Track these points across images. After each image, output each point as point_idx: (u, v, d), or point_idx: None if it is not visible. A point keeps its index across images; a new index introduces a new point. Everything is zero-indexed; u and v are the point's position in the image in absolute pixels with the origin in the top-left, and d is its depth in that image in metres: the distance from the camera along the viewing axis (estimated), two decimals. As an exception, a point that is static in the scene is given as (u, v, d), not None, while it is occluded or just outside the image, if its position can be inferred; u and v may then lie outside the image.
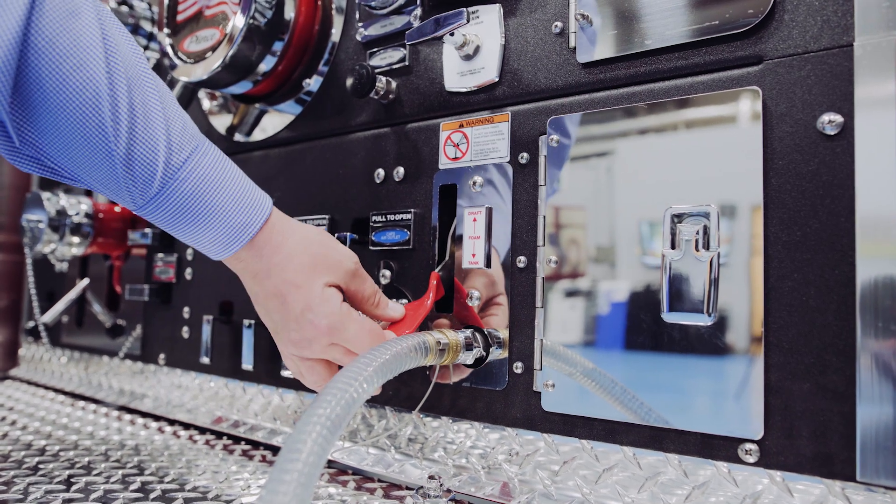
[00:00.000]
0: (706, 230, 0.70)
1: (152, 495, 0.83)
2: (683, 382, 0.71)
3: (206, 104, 1.32)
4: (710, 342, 0.70)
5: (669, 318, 0.72)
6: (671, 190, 0.73)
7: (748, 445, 0.66)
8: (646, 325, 0.74)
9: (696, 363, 0.71)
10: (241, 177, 0.76)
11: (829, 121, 0.64)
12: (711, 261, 0.70)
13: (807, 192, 0.65)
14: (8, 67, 0.61)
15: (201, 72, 1.10)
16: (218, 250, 0.76)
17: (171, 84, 1.31)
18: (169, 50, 1.17)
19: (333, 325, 0.76)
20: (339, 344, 0.77)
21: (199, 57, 1.11)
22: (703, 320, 0.70)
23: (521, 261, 0.84)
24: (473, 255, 0.88)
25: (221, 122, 1.29)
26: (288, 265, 0.76)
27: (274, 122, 1.19)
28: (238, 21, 1.05)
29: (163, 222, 0.74)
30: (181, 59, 1.15)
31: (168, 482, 0.90)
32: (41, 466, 0.95)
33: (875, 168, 0.62)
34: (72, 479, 0.89)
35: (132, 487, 0.86)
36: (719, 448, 0.68)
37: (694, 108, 0.73)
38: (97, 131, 0.67)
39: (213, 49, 1.09)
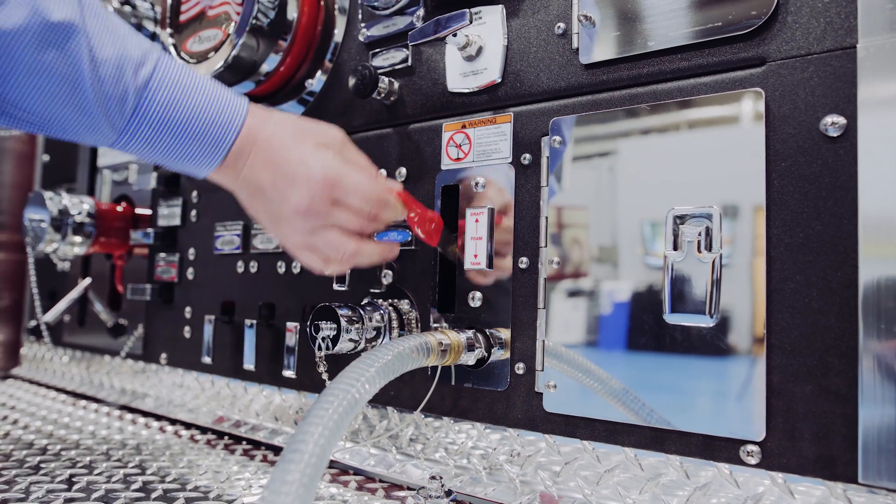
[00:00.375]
0: (708, 231, 0.70)
1: (154, 495, 0.83)
2: (685, 384, 0.71)
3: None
4: (712, 343, 0.70)
5: (671, 319, 0.72)
6: (674, 191, 0.73)
7: (750, 447, 0.66)
8: (648, 326, 0.74)
9: (698, 364, 0.71)
10: (208, 80, 0.77)
11: (832, 122, 0.64)
12: (714, 262, 0.70)
13: (810, 194, 0.65)
14: None
15: (204, 72, 1.10)
16: (205, 161, 0.76)
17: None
18: (172, 50, 1.17)
19: (330, 175, 0.76)
20: (341, 202, 0.77)
21: (201, 57, 1.11)
22: (705, 322, 0.70)
23: (524, 261, 0.84)
24: (475, 256, 0.88)
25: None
26: (274, 139, 0.76)
27: (276, 122, 1.19)
28: (241, 21, 1.05)
29: (142, 146, 0.74)
30: (184, 59, 1.15)
31: (169, 482, 0.90)
32: (43, 466, 0.95)
33: (878, 170, 0.62)
34: (73, 479, 0.89)
35: (133, 487, 0.86)
36: (721, 449, 0.68)
37: (697, 108, 0.73)
38: (68, 66, 0.67)
39: (216, 49, 1.09)
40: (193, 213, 1.31)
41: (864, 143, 0.63)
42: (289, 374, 1.08)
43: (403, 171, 0.97)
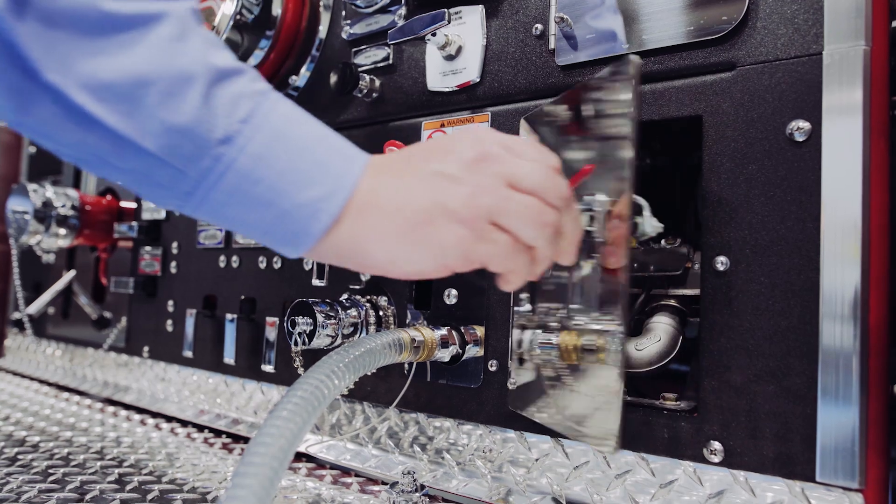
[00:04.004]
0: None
1: (128, 487, 0.84)
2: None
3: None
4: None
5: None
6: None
7: (713, 445, 0.67)
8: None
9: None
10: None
11: (798, 128, 0.65)
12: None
13: (775, 198, 0.66)
14: None
15: (187, 66, 1.10)
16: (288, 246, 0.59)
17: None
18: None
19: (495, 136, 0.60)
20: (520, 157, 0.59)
21: (185, 51, 1.11)
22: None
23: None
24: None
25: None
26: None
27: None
28: (225, 16, 1.05)
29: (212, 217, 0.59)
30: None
31: (146, 474, 0.90)
32: (20, 457, 0.96)
33: (841, 174, 0.63)
34: (49, 470, 0.89)
35: (109, 479, 0.87)
36: (686, 448, 0.69)
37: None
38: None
39: (200, 44, 1.09)
40: (177, 207, 1.31)
41: (828, 148, 0.64)
42: (268, 368, 1.09)
43: (383, 168, 0.98)
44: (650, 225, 0.71)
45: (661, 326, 0.80)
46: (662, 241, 0.87)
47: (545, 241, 0.59)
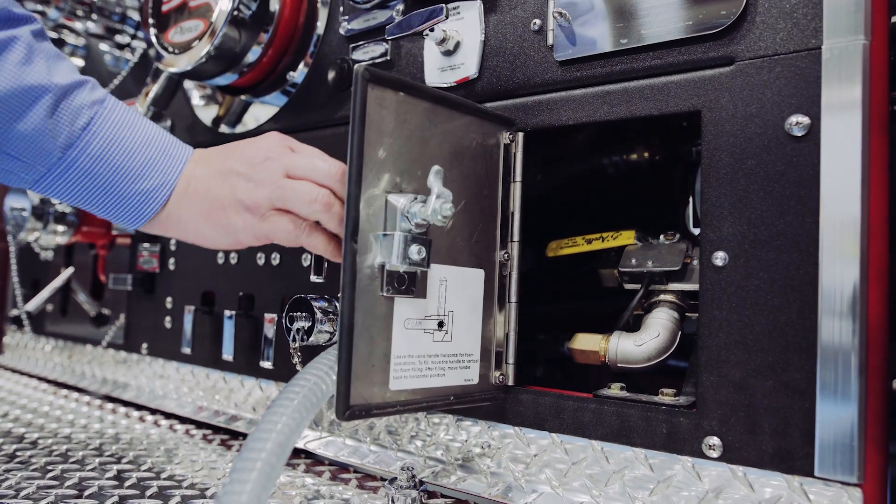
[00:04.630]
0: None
1: (127, 483, 0.84)
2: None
3: (196, 97, 1.32)
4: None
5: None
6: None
7: (712, 440, 0.67)
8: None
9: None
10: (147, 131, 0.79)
11: (797, 122, 0.65)
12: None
13: (774, 193, 0.66)
14: None
15: (185, 62, 1.10)
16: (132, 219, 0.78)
17: (156, 75, 1.31)
18: (154, 40, 1.17)
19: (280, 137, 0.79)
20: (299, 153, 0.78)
21: (183, 48, 1.11)
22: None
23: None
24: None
25: (208, 114, 1.29)
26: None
27: (259, 113, 1.19)
28: (222, 12, 1.05)
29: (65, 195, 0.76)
30: (166, 50, 1.15)
31: (144, 470, 0.90)
32: (18, 454, 0.96)
33: (840, 169, 0.63)
34: (48, 467, 0.89)
35: (108, 475, 0.87)
36: (684, 443, 0.69)
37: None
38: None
39: (198, 39, 1.09)
40: (175, 203, 1.31)
41: (827, 142, 0.64)
42: (266, 365, 1.09)
43: (382, 164, 0.98)
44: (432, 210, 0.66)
45: (660, 322, 0.80)
46: (661, 237, 0.87)
47: (322, 214, 0.74)
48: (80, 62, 1.58)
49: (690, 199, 0.97)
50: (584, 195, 1.20)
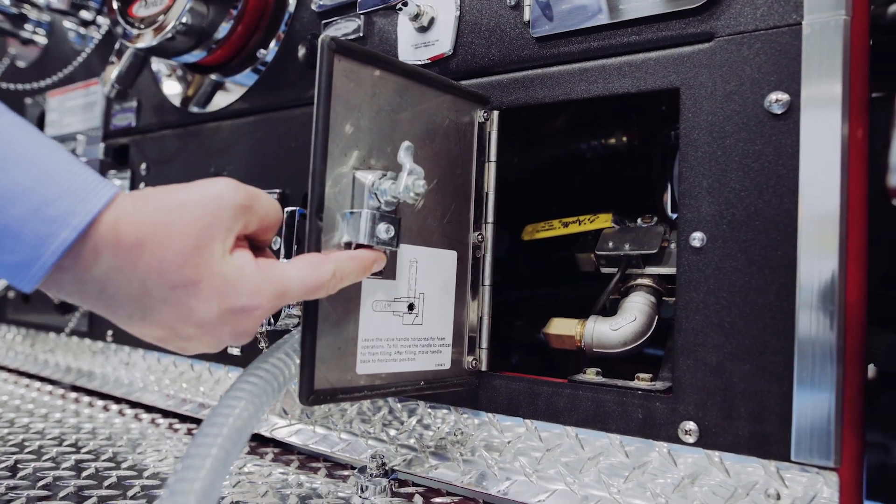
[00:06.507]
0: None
1: (85, 473, 0.80)
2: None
3: (166, 79, 1.27)
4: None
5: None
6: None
7: (688, 425, 0.66)
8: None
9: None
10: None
11: (777, 99, 0.63)
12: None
13: (752, 171, 0.65)
14: None
15: (150, 38, 1.06)
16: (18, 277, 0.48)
17: (121, 51, 1.26)
18: (117, 15, 1.12)
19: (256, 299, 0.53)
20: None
21: (148, 22, 1.07)
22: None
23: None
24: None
25: (176, 94, 1.24)
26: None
27: (228, 93, 1.15)
28: (188, -15, 1.01)
29: None
30: (130, 24, 1.10)
31: (104, 460, 0.87)
32: (-28, 443, 0.92)
33: (819, 147, 0.61)
34: (1, 458, 0.85)
35: (65, 465, 0.83)
36: (660, 428, 0.68)
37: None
38: None
39: (164, 13, 1.05)
40: (142, 185, 1.26)
41: (806, 120, 0.62)
42: (235, 351, 1.06)
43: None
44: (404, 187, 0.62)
45: (637, 306, 0.78)
46: (639, 220, 0.86)
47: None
48: (42, 39, 1.52)
49: (669, 184, 0.96)
50: (562, 179, 1.19)
